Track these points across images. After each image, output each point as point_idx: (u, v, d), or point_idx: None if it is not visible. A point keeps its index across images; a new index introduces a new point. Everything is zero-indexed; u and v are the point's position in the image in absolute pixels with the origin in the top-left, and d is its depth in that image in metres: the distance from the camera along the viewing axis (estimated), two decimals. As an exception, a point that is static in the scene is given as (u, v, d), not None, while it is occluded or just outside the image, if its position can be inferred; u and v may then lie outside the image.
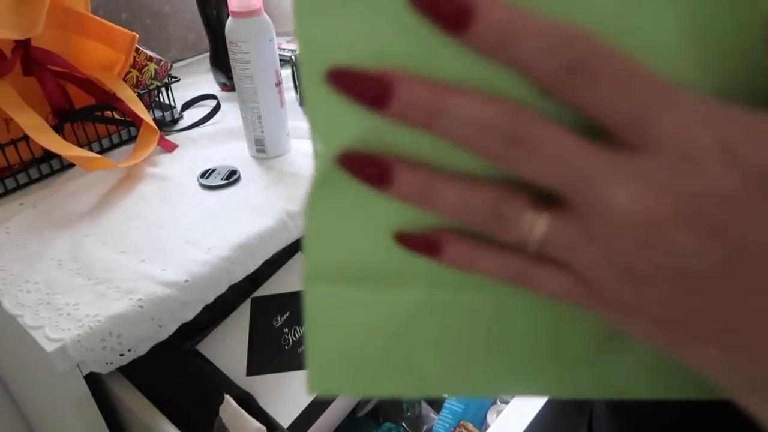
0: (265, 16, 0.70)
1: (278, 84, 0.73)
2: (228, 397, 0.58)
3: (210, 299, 0.60)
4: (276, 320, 0.71)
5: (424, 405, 0.74)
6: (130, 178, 0.75)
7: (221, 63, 0.95)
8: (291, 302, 0.73)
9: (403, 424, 0.71)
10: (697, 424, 0.36)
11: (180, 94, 0.92)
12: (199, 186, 0.72)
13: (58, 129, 0.72)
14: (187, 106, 0.93)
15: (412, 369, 0.28)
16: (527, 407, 0.57)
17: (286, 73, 0.83)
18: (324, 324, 0.27)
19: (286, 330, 0.70)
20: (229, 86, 0.96)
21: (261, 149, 0.76)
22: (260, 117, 0.74)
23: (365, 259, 0.25)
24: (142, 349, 0.56)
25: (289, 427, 0.62)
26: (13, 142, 0.70)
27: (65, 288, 0.57)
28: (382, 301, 0.26)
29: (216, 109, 0.90)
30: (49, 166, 0.76)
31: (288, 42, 1.15)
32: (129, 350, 0.55)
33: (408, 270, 0.25)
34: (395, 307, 0.26)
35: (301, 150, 0.79)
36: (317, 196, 0.24)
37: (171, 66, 0.87)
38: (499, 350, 0.27)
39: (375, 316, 0.26)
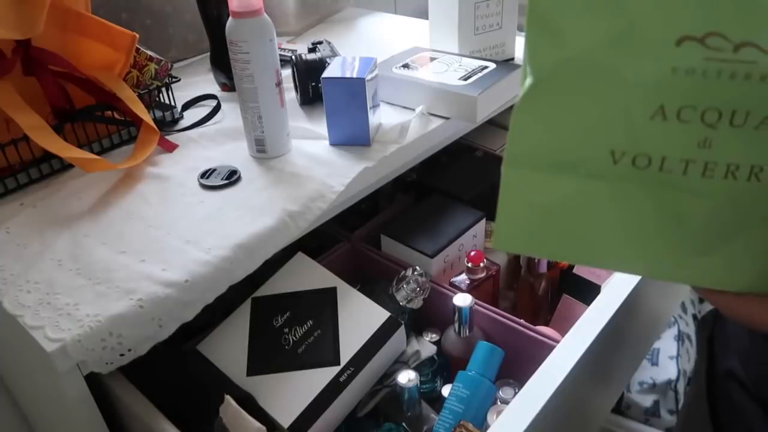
0: (266, 16, 0.70)
1: (278, 84, 0.73)
2: (228, 397, 0.58)
3: (210, 299, 0.60)
4: (276, 320, 0.71)
5: (424, 405, 0.74)
6: (130, 178, 0.75)
7: (221, 63, 0.95)
8: (291, 302, 0.73)
9: (403, 424, 0.71)
10: None
11: (180, 94, 0.92)
12: (200, 186, 0.72)
13: (58, 129, 0.72)
14: (187, 106, 0.93)
15: (571, 241, 0.37)
16: (527, 408, 0.57)
17: (286, 73, 0.83)
18: (514, 198, 0.37)
19: (286, 330, 0.70)
20: (229, 86, 0.96)
21: (261, 149, 0.76)
22: (260, 117, 0.74)
23: (553, 153, 0.34)
24: (142, 349, 0.56)
25: (289, 427, 0.62)
26: (14, 142, 0.70)
27: (65, 288, 0.57)
28: (560, 185, 0.35)
29: (216, 109, 0.90)
30: (50, 166, 0.76)
31: (288, 42, 1.14)
32: (129, 350, 0.55)
33: (582, 164, 0.34)
34: (568, 191, 0.35)
35: (301, 150, 0.79)
36: (528, 94, 0.33)
37: (171, 66, 0.87)
38: (637, 235, 0.36)
39: (551, 196, 0.36)
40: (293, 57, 0.88)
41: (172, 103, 0.88)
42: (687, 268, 0.36)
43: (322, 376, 0.65)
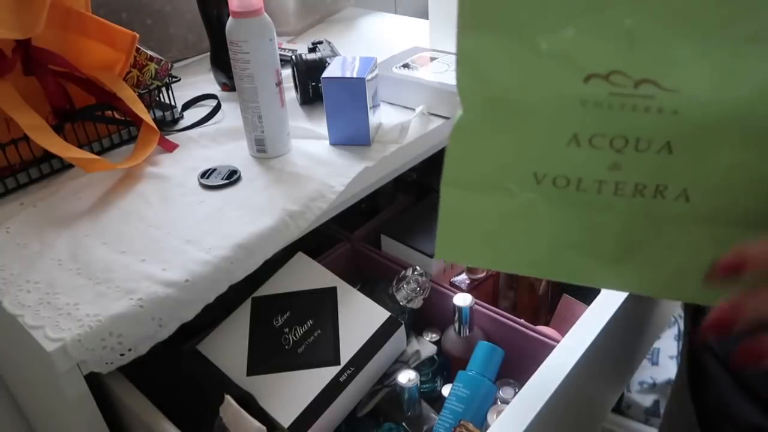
0: (266, 16, 0.70)
1: (278, 84, 0.73)
2: (228, 397, 0.58)
3: (210, 299, 0.60)
4: (276, 320, 0.71)
5: (425, 405, 0.74)
6: (130, 177, 0.75)
7: (221, 63, 0.95)
8: (291, 302, 0.73)
9: (403, 424, 0.71)
10: None
11: (180, 93, 0.92)
12: (200, 186, 0.72)
13: (58, 129, 0.72)
14: (187, 105, 0.93)
15: (503, 251, 0.42)
16: (527, 408, 0.57)
17: (287, 73, 0.83)
18: (451, 214, 0.41)
19: (286, 330, 0.70)
20: (229, 86, 0.96)
21: (261, 149, 0.76)
22: (260, 117, 0.74)
23: (483, 175, 0.39)
24: (143, 349, 0.56)
25: (289, 427, 0.62)
26: (14, 142, 0.70)
27: (65, 288, 0.57)
28: (490, 203, 0.40)
29: (216, 109, 0.90)
30: (50, 165, 0.76)
31: (288, 42, 1.14)
32: (129, 350, 0.55)
33: (508, 185, 0.39)
34: (498, 208, 0.40)
35: (301, 150, 0.79)
36: (461, 125, 0.37)
37: (171, 66, 0.87)
38: (560, 245, 0.41)
39: (482, 212, 0.41)
40: (293, 57, 0.88)
41: (172, 103, 0.88)
42: (607, 275, 0.41)
43: (322, 376, 0.65)
